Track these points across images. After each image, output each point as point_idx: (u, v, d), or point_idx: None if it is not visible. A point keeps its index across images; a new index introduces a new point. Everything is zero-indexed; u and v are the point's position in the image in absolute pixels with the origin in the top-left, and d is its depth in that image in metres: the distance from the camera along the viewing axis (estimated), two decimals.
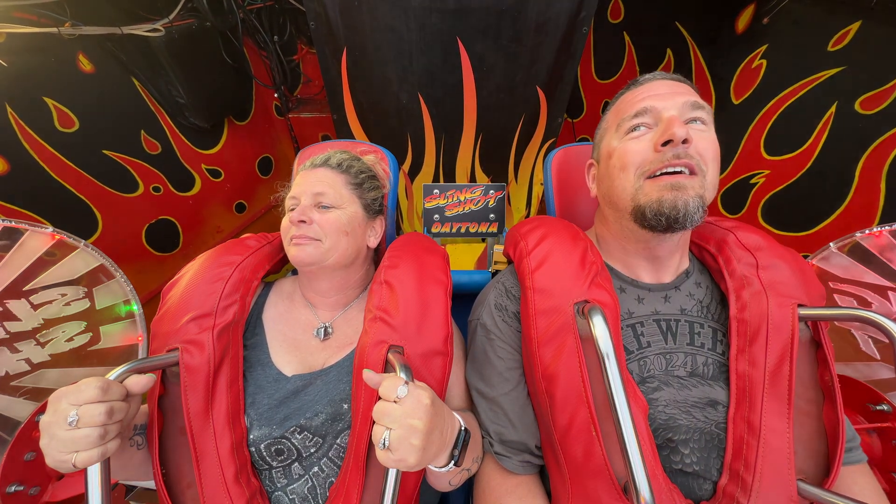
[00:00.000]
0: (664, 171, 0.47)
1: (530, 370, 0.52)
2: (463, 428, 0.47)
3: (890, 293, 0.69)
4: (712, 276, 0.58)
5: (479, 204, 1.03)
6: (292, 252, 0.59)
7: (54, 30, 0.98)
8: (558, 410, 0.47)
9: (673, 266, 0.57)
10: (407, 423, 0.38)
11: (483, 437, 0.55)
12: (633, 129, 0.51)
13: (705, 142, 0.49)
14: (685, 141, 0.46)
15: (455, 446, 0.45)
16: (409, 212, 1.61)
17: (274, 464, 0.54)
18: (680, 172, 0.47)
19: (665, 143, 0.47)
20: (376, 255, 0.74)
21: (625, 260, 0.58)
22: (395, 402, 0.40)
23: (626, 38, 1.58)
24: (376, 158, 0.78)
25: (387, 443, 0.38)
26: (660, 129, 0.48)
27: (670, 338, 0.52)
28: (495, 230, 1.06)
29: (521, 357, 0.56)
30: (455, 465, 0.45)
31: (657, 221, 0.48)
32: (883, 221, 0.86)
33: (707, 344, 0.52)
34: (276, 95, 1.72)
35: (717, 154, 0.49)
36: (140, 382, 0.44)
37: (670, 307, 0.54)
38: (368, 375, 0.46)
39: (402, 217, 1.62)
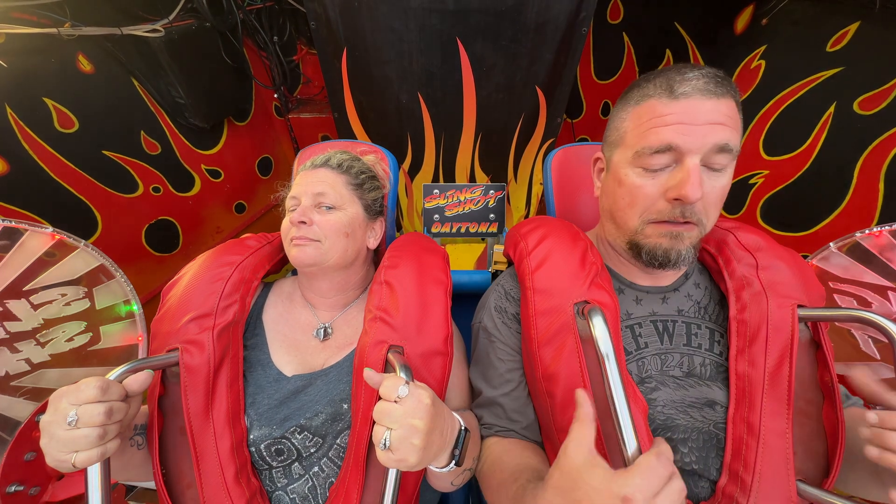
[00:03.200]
0: (667, 221, 0.47)
1: (531, 370, 0.53)
2: (463, 428, 0.47)
3: (890, 293, 0.69)
4: (712, 276, 0.58)
5: (479, 204, 1.04)
6: (293, 253, 0.59)
7: (54, 30, 0.98)
8: (559, 410, 0.48)
9: (671, 273, 0.57)
10: (407, 423, 0.38)
11: (488, 427, 0.56)
12: (656, 154, 0.46)
13: (716, 193, 0.46)
14: (694, 204, 0.45)
15: (456, 446, 0.45)
16: (409, 209, 1.61)
17: (274, 464, 0.54)
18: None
19: (676, 199, 0.45)
20: (376, 256, 0.74)
21: (624, 263, 0.58)
22: (395, 402, 0.40)
23: (626, 38, 1.59)
24: (376, 158, 0.78)
25: (387, 443, 0.38)
26: (676, 179, 0.44)
27: (666, 338, 0.53)
28: (495, 230, 1.06)
29: (521, 358, 0.57)
30: (456, 464, 0.45)
31: (649, 262, 0.50)
32: (881, 221, 0.86)
33: (704, 344, 0.53)
34: (275, 96, 1.72)
35: (723, 197, 0.48)
36: (138, 380, 0.44)
37: (667, 308, 0.55)
38: (369, 375, 0.46)
39: (402, 215, 1.62)
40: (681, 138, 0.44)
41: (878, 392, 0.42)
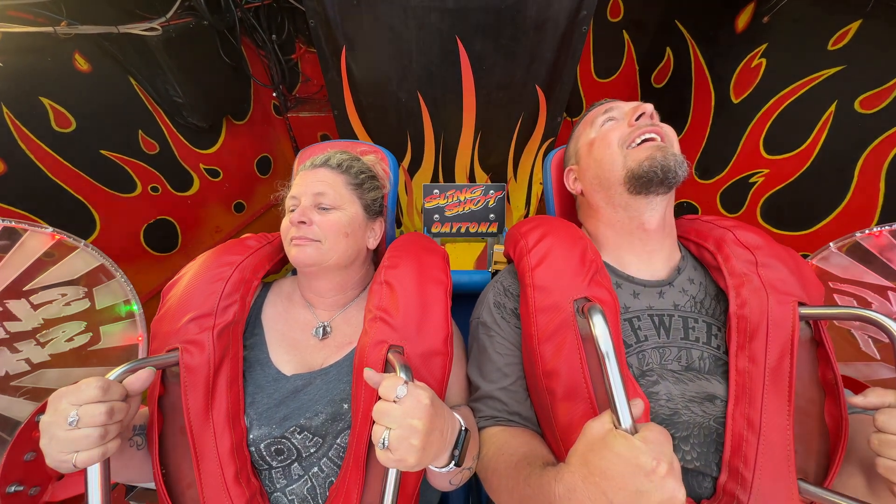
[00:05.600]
0: (643, 137, 0.56)
1: (531, 367, 0.53)
2: (464, 428, 0.47)
3: (890, 293, 0.69)
4: (709, 273, 0.59)
5: (479, 204, 1.04)
6: (292, 253, 0.59)
7: (50, 29, 0.98)
8: (560, 406, 0.48)
9: (664, 255, 0.58)
10: (406, 423, 0.38)
11: (488, 418, 0.56)
12: (605, 122, 0.61)
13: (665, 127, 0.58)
14: (651, 116, 0.57)
15: (456, 446, 0.45)
16: (409, 207, 1.61)
17: (274, 464, 0.54)
18: (655, 139, 0.56)
19: (638, 118, 0.57)
20: (375, 255, 0.74)
21: (618, 253, 0.59)
22: (394, 401, 0.40)
23: (626, 36, 1.58)
24: (376, 158, 0.78)
25: (386, 443, 0.38)
26: (629, 110, 0.58)
27: (663, 332, 0.53)
28: (495, 230, 1.06)
29: (520, 353, 0.57)
30: (456, 465, 0.45)
31: (654, 174, 0.52)
32: (882, 221, 0.86)
33: (702, 338, 0.53)
34: (274, 95, 1.72)
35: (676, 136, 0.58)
36: (140, 378, 0.44)
37: (663, 303, 0.55)
38: (369, 375, 0.46)
39: (402, 212, 1.62)
40: (616, 105, 0.62)
41: None
